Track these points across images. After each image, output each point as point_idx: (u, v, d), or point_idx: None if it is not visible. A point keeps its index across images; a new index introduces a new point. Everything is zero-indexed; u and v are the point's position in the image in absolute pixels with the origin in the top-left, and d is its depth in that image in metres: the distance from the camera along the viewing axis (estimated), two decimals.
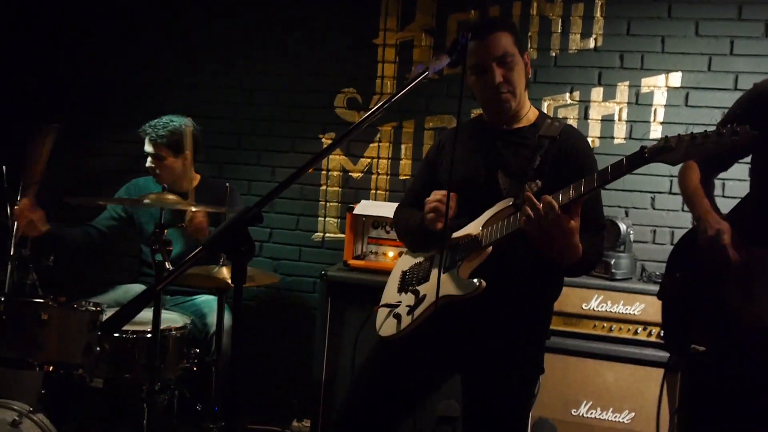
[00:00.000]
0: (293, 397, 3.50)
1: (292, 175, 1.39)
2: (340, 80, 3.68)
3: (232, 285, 1.32)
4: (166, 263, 2.20)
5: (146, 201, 2.38)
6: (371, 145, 3.67)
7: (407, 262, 2.24)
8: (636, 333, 2.88)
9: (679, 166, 2.17)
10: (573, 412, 2.92)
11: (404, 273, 2.21)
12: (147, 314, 2.35)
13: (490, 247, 1.94)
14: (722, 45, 3.25)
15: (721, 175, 2.19)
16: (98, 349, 2.35)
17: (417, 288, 2.09)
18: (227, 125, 3.82)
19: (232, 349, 2.77)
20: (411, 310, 2.05)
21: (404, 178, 3.63)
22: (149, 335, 2.40)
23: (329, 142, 3.69)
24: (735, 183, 2.93)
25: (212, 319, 2.91)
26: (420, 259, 2.18)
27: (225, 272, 2.56)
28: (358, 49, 3.65)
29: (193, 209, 2.68)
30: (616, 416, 2.88)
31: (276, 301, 3.73)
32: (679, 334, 2.01)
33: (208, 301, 3.10)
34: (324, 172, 3.72)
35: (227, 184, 2.69)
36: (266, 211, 3.64)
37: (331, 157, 3.69)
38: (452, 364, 2.08)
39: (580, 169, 1.93)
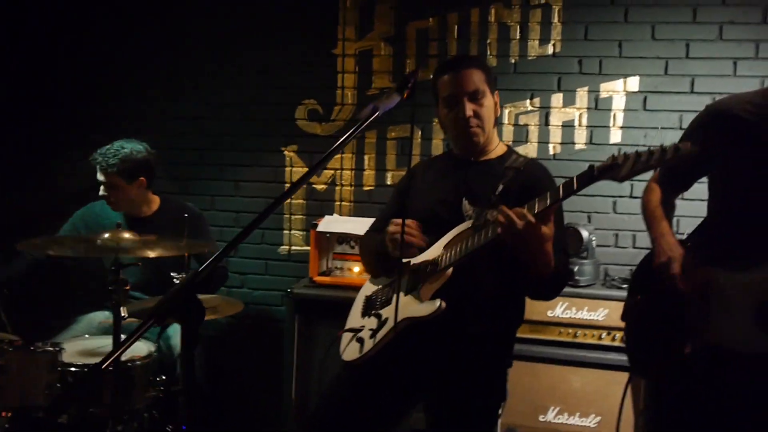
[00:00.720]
0: (264, 413, 3.49)
1: (254, 221, 1.40)
2: (301, 92, 3.64)
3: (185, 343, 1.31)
4: (121, 306, 2.17)
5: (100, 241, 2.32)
6: (334, 156, 3.64)
7: (370, 287, 2.25)
8: (600, 338, 2.92)
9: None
10: (541, 419, 2.96)
11: (368, 298, 2.23)
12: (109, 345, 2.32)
13: (451, 269, 1.97)
14: (678, 48, 3.27)
15: None
16: (59, 385, 2.31)
17: (379, 312, 2.11)
18: (189, 140, 3.76)
19: (195, 378, 2.76)
20: (373, 333, 2.08)
21: (368, 188, 3.62)
22: (112, 368, 2.36)
23: (291, 154, 3.67)
24: (695, 186, 2.96)
25: (177, 340, 2.89)
26: (383, 284, 2.20)
27: None
28: (317, 60, 3.60)
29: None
30: (582, 420, 2.93)
31: (244, 316, 3.70)
32: (642, 354, 2.05)
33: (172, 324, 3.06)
34: (287, 186, 3.69)
35: (186, 215, 2.60)
36: (230, 226, 3.68)
37: (294, 169, 3.66)
38: (418, 386, 2.10)
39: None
